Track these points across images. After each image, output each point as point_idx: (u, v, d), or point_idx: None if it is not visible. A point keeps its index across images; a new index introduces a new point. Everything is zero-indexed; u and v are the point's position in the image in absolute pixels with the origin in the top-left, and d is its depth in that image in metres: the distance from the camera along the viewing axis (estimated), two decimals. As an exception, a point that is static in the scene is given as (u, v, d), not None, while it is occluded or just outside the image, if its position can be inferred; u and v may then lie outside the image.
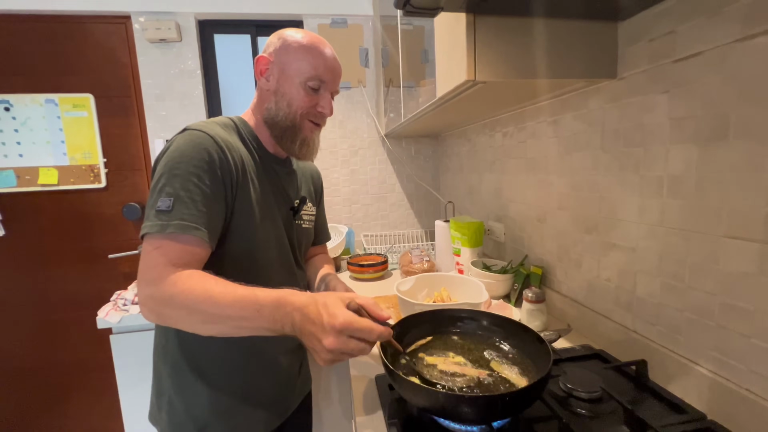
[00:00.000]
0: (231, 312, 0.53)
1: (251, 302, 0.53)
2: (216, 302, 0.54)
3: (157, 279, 0.56)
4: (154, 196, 0.61)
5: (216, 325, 0.55)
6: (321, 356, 0.50)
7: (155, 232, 0.58)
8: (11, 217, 1.67)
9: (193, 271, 0.58)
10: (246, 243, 0.70)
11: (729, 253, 0.55)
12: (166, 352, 0.73)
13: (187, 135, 0.65)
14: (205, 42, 1.75)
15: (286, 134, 0.76)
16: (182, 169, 0.61)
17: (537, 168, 1.04)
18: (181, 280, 0.56)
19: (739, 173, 0.53)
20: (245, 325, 0.54)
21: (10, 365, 1.74)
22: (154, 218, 0.59)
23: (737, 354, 0.55)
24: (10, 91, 1.61)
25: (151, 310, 0.57)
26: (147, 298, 0.57)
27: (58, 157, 1.67)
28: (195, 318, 0.55)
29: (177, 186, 0.60)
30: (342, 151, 1.86)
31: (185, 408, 0.71)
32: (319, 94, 0.76)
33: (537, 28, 0.69)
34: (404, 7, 0.61)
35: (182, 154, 0.62)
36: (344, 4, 1.75)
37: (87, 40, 1.64)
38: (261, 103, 0.77)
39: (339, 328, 0.49)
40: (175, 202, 0.60)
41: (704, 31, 0.56)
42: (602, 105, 0.78)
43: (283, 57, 0.73)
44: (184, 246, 0.59)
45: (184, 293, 0.54)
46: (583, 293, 0.88)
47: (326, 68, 0.74)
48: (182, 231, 0.59)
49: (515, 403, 0.51)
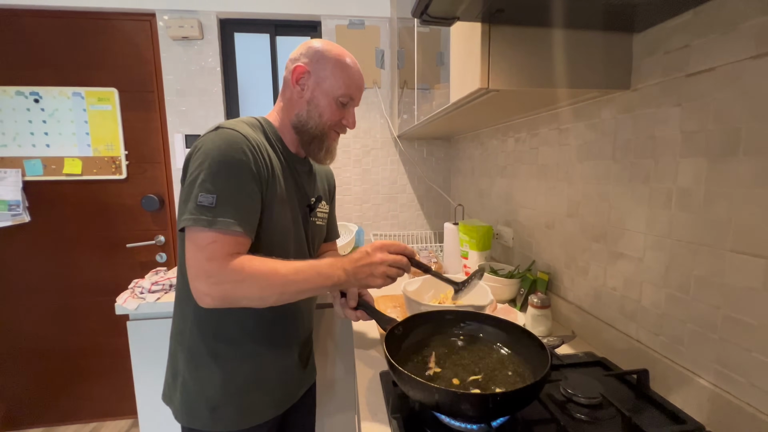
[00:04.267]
0: (297, 277, 0.66)
1: (309, 267, 0.67)
2: (282, 275, 0.65)
3: (223, 269, 0.62)
4: (194, 189, 0.65)
5: (286, 290, 0.66)
6: (375, 271, 0.69)
7: (203, 226, 0.63)
8: (37, 204, 1.74)
9: (247, 256, 0.66)
10: (267, 236, 0.75)
11: (734, 268, 0.55)
12: (184, 336, 0.78)
13: (222, 134, 0.69)
14: (226, 40, 1.80)
15: (314, 142, 0.82)
16: (222, 169, 0.65)
17: (548, 175, 1.05)
18: (246, 264, 0.64)
19: (748, 189, 0.53)
20: (309, 286, 0.67)
21: (31, 346, 1.82)
22: (197, 212, 0.63)
23: (738, 367, 0.55)
24: (39, 83, 1.68)
25: (219, 296, 0.63)
26: (212, 287, 0.62)
27: (83, 149, 1.73)
28: (268, 291, 0.65)
29: (219, 185, 0.65)
30: (355, 151, 1.89)
31: (199, 389, 0.76)
32: (346, 109, 0.82)
33: (552, 38, 0.70)
34: (421, 16, 0.63)
35: (221, 152, 0.66)
36: (362, 6, 1.77)
37: (113, 36, 1.70)
38: (291, 108, 0.81)
39: (379, 245, 0.70)
40: (218, 200, 0.64)
41: (719, 47, 0.56)
42: (615, 115, 0.79)
43: (321, 71, 0.78)
44: (236, 239, 0.65)
45: (255, 275, 0.63)
46: (589, 301, 0.89)
47: (356, 87, 0.82)
48: (227, 228, 0.64)
49: (509, 402, 0.53)
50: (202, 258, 0.63)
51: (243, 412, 0.77)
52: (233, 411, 0.77)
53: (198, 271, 0.63)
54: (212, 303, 0.63)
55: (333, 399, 1.34)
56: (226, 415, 0.76)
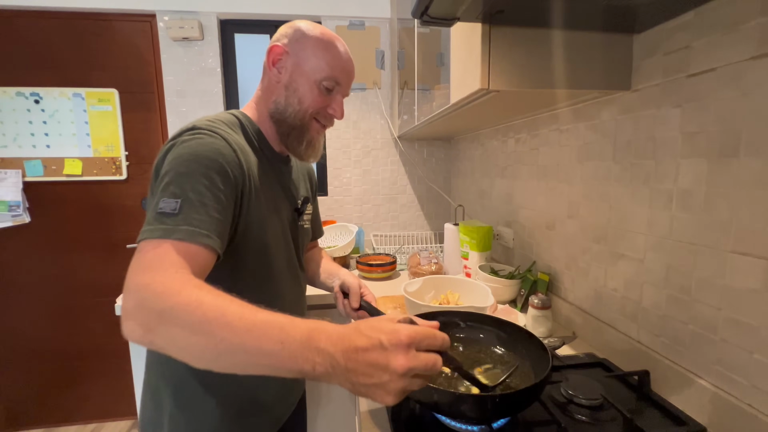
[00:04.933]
0: (248, 340, 0.40)
1: (276, 331, 0.40)
2: (229, 324, 0.41)
3: (155, 284, 0.44)
4: (156, 196, 0.53)
5: (223, 355, 0.41)
6: (389, 387, 0.38)
7: (157, 237, 0.49)
8: (37, 205, 1.74)
9: (201, 281, 0.47)
10: (261, 252, 0.67)
11: (735, 269, 0.55)
12: (168, 367, 0.66)
13: (197, 134, 0.58)
14: (226, 41, 1.80)
15: (293, 133, 0.71)
16: (192, 168, 0.54)
17: (548, 175, 1.05)
18: (187, 289, 0.43)
19: (749, 190, 0.53)
20: (262, 361, 0.41)
21: (31, 347, 1.82)
22: (155, 221, 0.50)
23: (739, 368, 0.55)
24: (40, 84, 1.68)
25: (141, 323, 0.43)
26: (137, 308, 0.43)
27: (83, 149, 1.74)
28: (197, 342, 0.41)
29: (186, 187, 0.53)
30: (355, 152, 1.89)
31: (192, 423, 0.66)
32: (332, 96, 0.72)
33: (552, 39, 0.70)
34: (421, 17, 0.63)
35: (194, 152, 0.55)
36: (362, 7, 1.77)
37: (114, 37, 1.70)
38: (268, 95, 0.72)
39: (407, 341, 0.38)
40: (182, 204, 0.51)
41: (719, 48, 0.56)
42: (615, 116, 0.79)
43: (300, 51, 0.68)
44: (188, 253, 0.49)
45: (190, 307, 0.42)
46: (590, 302, 0.89)
47: (342, 69, 0.71)
48: (190, 238, 0.50)
49: (509, 404, 0.53)
50: (137, 268, 0.47)
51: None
52: None
53: (128, 284, 0.45)
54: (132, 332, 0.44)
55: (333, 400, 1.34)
56: None
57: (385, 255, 1.57)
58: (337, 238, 1.68)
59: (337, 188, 1.90)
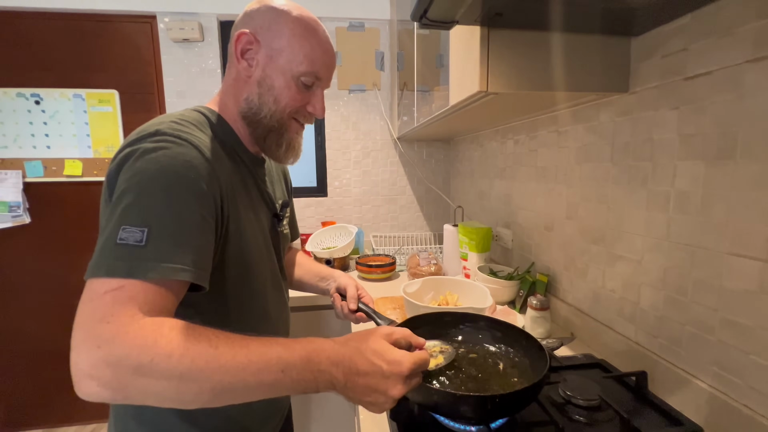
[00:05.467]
0: (247, 377, 0.39)
1: (274, 361, 0.40)
2: (223, 366, 0.38)
3: (120, 336, 0.38)
4: (113, 220, 0.43)
5: (220, 395, 0.39)
6: (383, 406, 0.44)
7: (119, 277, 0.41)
8: (37, 205, 1.74)
9: (172, 320, 0.41)
10: (242, 269, 0.59)
11: (732, 270, 0.56)
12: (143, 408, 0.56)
13: (162, 142, 0.48)
14: (226, 42, 1.80)
15: (270, 135, 0.63)
16: (159, 187, 0.45)
17: (547, 177, 1.05)
18: (163, 337, 0.38)
19: (745, 192, 0.53)
20: (264, 391, 0.41)
21: (32, 347, 1.82)
22: (114, 255, 0.41)
23: (736, 369, 0.55)
24: (40, 85, 1.68)
25: (107, 383, 0.37)
26: (101, 366, 0.37)
27: (83, 150, 1.74)
28: (188, 389, 0.38)
29: (153, 211, 0.44)
30: (355, 153, 1.89)
31: None
32: (311, 91, 0.63)
33: (550, 41, 0.71)
34: (420, 20, 0.63)
35: (159, 168, 0.46)
36: (362, 8, 1.78)
37: (114, 38, 1.71)
38: (238, 91, 0.61)
39: (408, 374, 0.44)
40: (150, 234, 0.42)
41: (716, 51, 0.57)
42: (613, 118, 0.79)
43: (273, 40, 0.58)
44: (160, 292, 0.42)
45: (173, 356, 0.38)
46: (588, 303, 0.89)
47: (323, 63, 0.61)
48: (165, 275, 0.42)
49: (507, 404, 0.53)
50: (93, 316, 0.39)
51: None
52: None
53: (84, 337, 0.38)
54: (97, 392, 0.37)
55: (332, 402, 1.34)
56: None
57: (385, 256, 1.57)
58: (336, 239, 1.68)
59: (336, 189, 1.91)
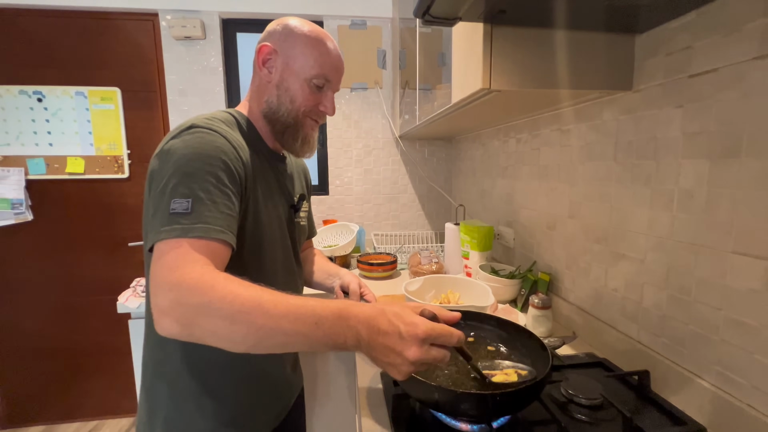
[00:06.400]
0: (285, 324, 0.45)
1: (309, 314, 0.46)
2: (266, 312, 0.45)
3: (190, 280, 0.46)
4: (165, 197, 0.53)
5: (264, 340, 0.46)
6: (401, 369, 0.45)
7: (175, 237, 0.51)
8: (39, 203, 1.75)
9: (228, 274, 0.49)
10: (257, 245, 0.68)
11: (736, 270, 0.55)
12: (164, 366, 0.66)
13: (197, 133, 0.59)
14: (228, 40, 1.80)
15: (288, 131, 0.73)
16: (197, 168, 0.55)
17: (549, 175, 1.05)
18: (220, 283, 0.46)
19: (750, 191, 0.53)
20: (299, 340, 0.46)
21: (33, 344, 1.83)
22: (170, 222, 0.52)
23: (740, 369, 0.55)
24: (43, 83, 1.69)
25: (179, 319, 0.46)
26: (174, 305, 0.46)
27: (85, 148, 1.74)
28: (238, 330, 0.45)
29: (194, 186, 0.54)
30: (356, 151, 1.89)
31: (187, 424, 0.66)
32: (323, 93, 0.73)
33: (554, 39, 0.71)
34: (423, 17, 0.63)
35: (196, 152, 0.56)
36: (364, 6, 1.77)
37: (116, 36, 1.71)
38: (260, 95, 0.72)
39: (422, 336, 0.45)
40: (194, 204, 0.53)
41: (721, 48, 0.56)
42: (617, 116, 0.79)
43: (288, 50, 0.69)
44: (209, 248, 0.52)
45: (227, 299, 0.45)
46: (590, 302, 0.89)
47: (332, 67, 0.72)
48: (207, 235, 0.52)
49: (508, 402, 0.53)
50: (164, 267, 0.49)
51: None
52: None
53: (160, 283, 0.47)
54: (171, 328, 0.47)
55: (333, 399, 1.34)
56: None
57: (386, 254, 1.57)
58: (338, 237, 1.68)
59: (338, 187, 1.91)
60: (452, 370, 0.64)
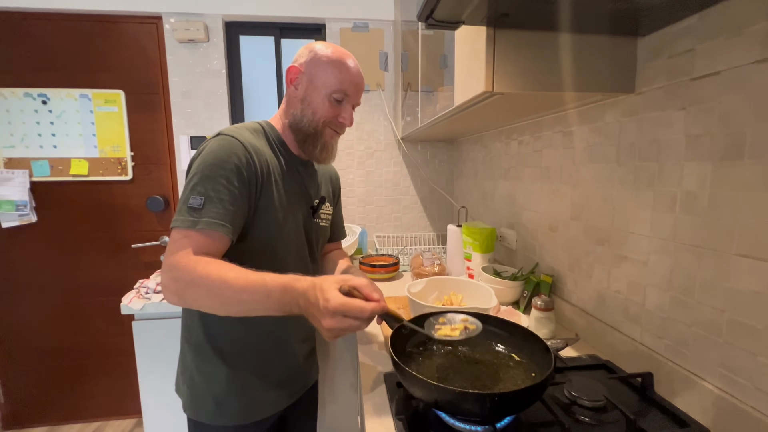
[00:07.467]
0: (244, 296, 0.60)
1: (261, 287, 0.60)
2: (230, 286, 0.60)
3: (180, 264, 0.62)
4: (186, 192, 0.69)
5: (232, 307, 0.61)
6: (323, 334, 0.57)
7: (185, 227, 0.66)
8: (44, 204, 1.76)
9: (211, 258, 0.64)
10: (269, 237, 0.77)
11: (739, 271, 0.55)
12: (191, 332, 0.81)
13: (220, 140, 0.72)
14: (231, 43, 1.81)
15: (309, 139, 0.83)
16: (214, 172, 0.69)
17: (551, 177, 1.05)
18: (200, 265, 0.62)
19: (753, 193, 0.53)
20: (258, 307, 0.60)
21: (37, 345, 1.83)
22: (186, 213, 0.66)
23: (743, 371, 0.55)
24: (47, 85, 1.70)
25: (174, 292, 0.63)
26: (171, 281, 0.63)
27: (89, 150, 1.75)
28: (214, 300, 0.61)
29: (208, 187, 0.68)
30: (358, 153, 1.90)
31: (205, 384, 0.79)
32: (342, 106, 0.82)
33: (557, 41, 0.71)
34: (426, 20, 0.63)
35: (215, 157, 0.70)
36: (366, 9, 1.78)
37: (120, 38, 1.72)
38: (288, 108, 0.84)
39: (332, 310, 0.55)
40: (205, 201, 0.67)
41: (724, 51, 0.57)
42: (619, 119, 0.79)
43: (313, 69, 0.80)
44: (208, 239, 0.66)
45: (203, 277, 0.60)
46: (593, 304, 0.89)
47: (350, 83, 0.81)
48: (210, 227, 0.66)
49: (511, 402, 0.53)
50: (169, 252, 0.65)
51: (247, 407, 0.80)
52: (237, 406, 0.79)
53: (164, 263, 0.65)
54: (171, 298, 0.64)
55: (336, 399, 1.34)
56: (231, 409, 0.79)
57: (388, 256, 1.58)
58: (340, 238, 1.69)
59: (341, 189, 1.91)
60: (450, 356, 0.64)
